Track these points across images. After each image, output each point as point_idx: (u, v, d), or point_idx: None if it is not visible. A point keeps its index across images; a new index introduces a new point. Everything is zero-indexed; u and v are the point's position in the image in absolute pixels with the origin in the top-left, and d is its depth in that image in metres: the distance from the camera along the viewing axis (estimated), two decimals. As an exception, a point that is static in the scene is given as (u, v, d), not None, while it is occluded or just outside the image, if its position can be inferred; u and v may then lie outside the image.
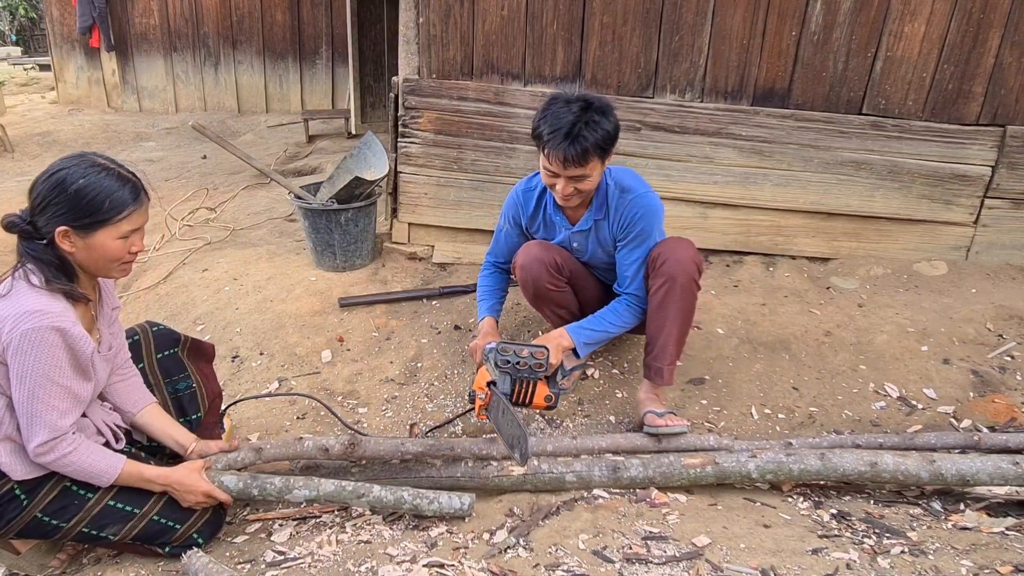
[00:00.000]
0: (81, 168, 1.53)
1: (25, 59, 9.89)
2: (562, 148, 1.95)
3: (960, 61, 2.98)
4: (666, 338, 2.17)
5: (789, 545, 1.71)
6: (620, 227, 2.22)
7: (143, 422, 1.90)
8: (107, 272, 1.65)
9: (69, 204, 1.51)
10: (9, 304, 1.51)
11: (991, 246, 3.27)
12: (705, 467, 1.96)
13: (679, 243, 2.18)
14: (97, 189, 1.52)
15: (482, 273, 2.54)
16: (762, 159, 3.15)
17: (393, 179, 3.32)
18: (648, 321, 2.22)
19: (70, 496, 1.67)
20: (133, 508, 1.73)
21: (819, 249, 3.32)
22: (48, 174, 1.54)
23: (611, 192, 2.21)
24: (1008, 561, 1.63)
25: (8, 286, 1.54)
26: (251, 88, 7.26)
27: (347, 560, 1.70)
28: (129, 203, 1.56)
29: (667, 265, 2.13)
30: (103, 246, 1.57)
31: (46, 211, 1.52)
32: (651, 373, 2.22)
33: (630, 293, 2.27)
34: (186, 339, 2.05)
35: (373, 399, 2.57)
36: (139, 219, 1.60)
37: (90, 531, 1.71)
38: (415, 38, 3.07)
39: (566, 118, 1.95)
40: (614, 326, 2.27)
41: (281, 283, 3.19)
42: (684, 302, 2.15)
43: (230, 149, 3.29)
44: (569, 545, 1.68)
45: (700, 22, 2.98)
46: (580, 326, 2.26)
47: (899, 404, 2.48)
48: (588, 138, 1.95)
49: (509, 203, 2.43)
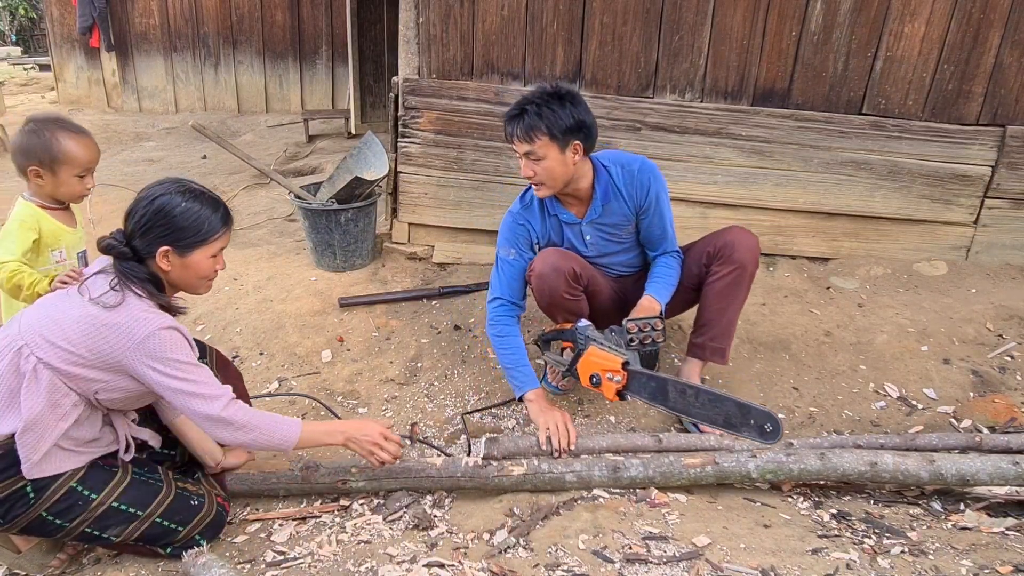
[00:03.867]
0: (180, 195, 1.67)
1: (25, 59, 9.90)
2: (509, 123, 2.11)
3: (960, 61, 2.98)
4: (730, 320, 2.30)
5: (789, 545, 1.71)
6: (640, 196, 2.26)
7: (181, 427, 1.96)
8: (195, 288, 1.76)
9: (172, 227, 1.64)
10: (120, 314, 1.60)
11: (991, 246, 3.27)
12: (705, 467, 1.96)
13: (746, 234, 2.30)
14: (197, 213, 1.67)
15: (495, 325, 2.28)
16: (762, 159, 3.15)
17: (393, 179, 3.32)
18: (708, 303, 2.32)
19: (75, 496, 1.68)
20: (137, 510, 1.74)
21: (819, 249, 3.32)
22: (149, 199, 1.65)
23: (614, 172, 2.25)
24: (1008, 561, 1.63)
25: (116, 298, 1.61)
26: (251, 88, 7.26)
27: (347, 560, 1.70)
28: (222, 225, 1.72)
29: (739, 253, 2.25)
30: (198, 264, 1.70)
31: (148, 233, 1.64)
32: (708, 353, 2.34)
33: (673, 251, 2.36)
34: (211, 349, 2.09)
35: (373, 399, 2.57)
36: (227, 239, 1.76)
37: (92, 531, 1.72)
38: (415, 38, 3.07)
39: (522, 100, 2.10)
40: (676, 278, 2.35)
41: (281, 283, 3.19)
42: (746, 290, 2.30)
43: (230, 149, 3.28)
44: (569, 545, 1.68)
45: (700, 22, 2.98)
46: (658, 288, 2.28)
47: (899, 404, 2.48)
48: (534, 116, 2.06)
49: (509, 229, 2.31)
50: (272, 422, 1.72)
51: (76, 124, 2.04)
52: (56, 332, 1.59)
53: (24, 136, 1.97)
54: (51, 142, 1.95)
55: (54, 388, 1.60)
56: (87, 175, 2.04)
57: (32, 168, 1.98)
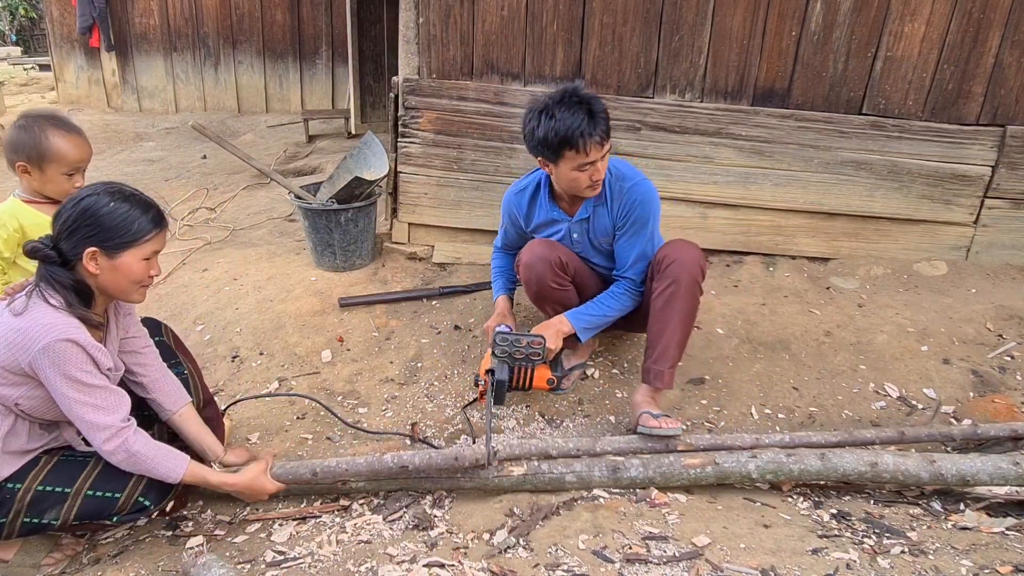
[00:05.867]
0: (108, 195, 1.63)
1: (25, 59, 9.89)
2: (594, 129, 2.00)
3: (960, 61, 2.98)
4: (668, 341, 2.16)
5: (789, 545, 1.71)
6: (620, 214, 2.24)
7: (178, 422, 1.97)
8: (127, 294, 1.72)
9: (98, 227, 1.60)
10: (23, 320, 1.57)
11: (991, 246, 3.27)
12: (705, 467, 1.96)
13: (684, 245, 2.18)
14: (125, 213, 1.63)
15: (493, 255, 2.67)
16: (762, 159, 3.15)
17: (393, 179, 3.32)
18: (650, 324, 2.21)
19: (2, 491, 1.67)
20: (64, 488, 1.71)
21: (819, 249, 3.32)
22: (75, 200, 1.62)
23: (608, 179, 2.23)
24: (1008, 561, 1.63)
25: (24, 304, 1.59)
26: (251, 88, 7.26)
27: (347, 560, 1.70)
28: (153, 227, 1.67)
29: (672, 267, 2.13)
30: (128, 267, 1.66)
31: (75, 235, 1.60)
32: (650, 377, 2.19)
33: (628, 277, 2.30)
34: (166, 326, 2.13)
35: (373, 399, 2.57)
36: (160, 242, 1.71)
37: (31, 520, 1.70)
38: (415, 38, 3.07)
39: (573, 109, 2.02)
40: (613, 310, 2.30)
41: (281, 283, 3.19)
42: (687, 305, 2.15)
43: (230, 149, 3.28)
44: (569, 545, 1.68)
45: (700, 22, 2.98)
46: (579, 312, 2.30)
47: (899, 404, 2.48)
48: (598, 108, 2.03)
49: (505, 205, 2.50)
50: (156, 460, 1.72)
51: (69, 122, 2.02)
52: None
53: (14, 131, 1.96)
54: (40, 139, 1.94)
55: None
56: (76, 174, 2.01)
57: (20, 164, 1.97)
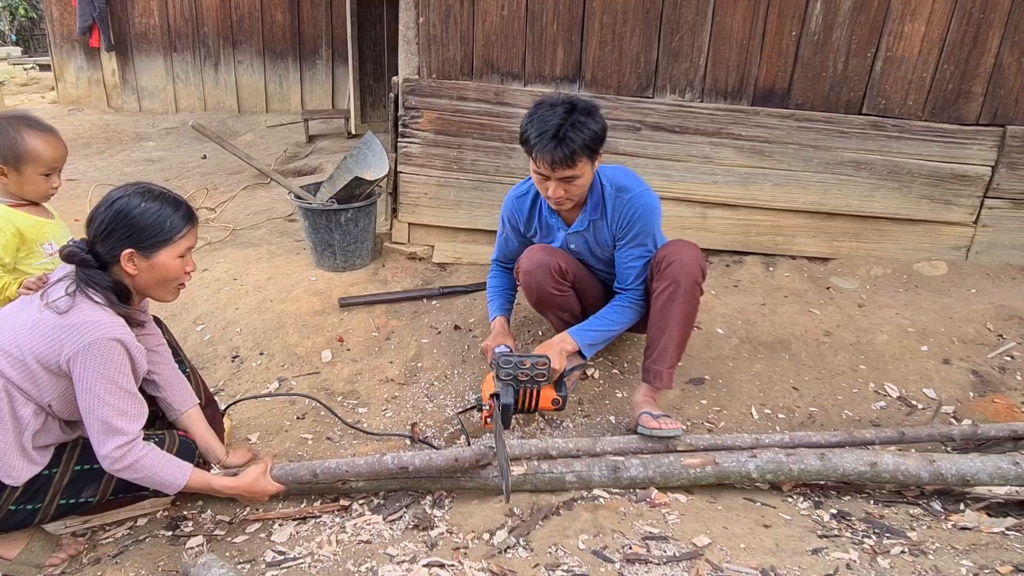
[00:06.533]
0: (139, 196, 1.66)
1: (25, 59, 9.89)
2: (548, 150, 1.97)
3: (960, 61, 2.98)
4: (667, 341, 2.15)
5: (789, 545, 1.71)
6: (619, 226, 2.22)
7: (186, 423, 1.98)
8: (164, 293, 1.75)
9: (133, 227, 1.63)
10: (70, 318, 1.58)
11: (991, 246, 3.27)
12: (705, 467, 1.96)
13: (684, 246, 2.17)
14: (157, 212, 1.65)
15: (490, 275, 2.62)
16: (762, 159, 3.15)
17: (393, 179, 3.32)
18: (650, 324, 2.21)
19: (37, 481, 1.68)
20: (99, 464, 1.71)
21: (819, 249, 3.32)
22: (108, 203, 1.65)
23: (607, 192, 2.20)
24: (1008, 561, 1.63)
25: (69, 303, 1.60)
26: (251, 88, 7.26)
27: (347, 560, 1.70)
28: (185, 223, 1.70)
29: (672, 268, 2.12)
30: (165, 266, 1.69)
31: (110, 237, 1.63)
32: (650, 376, 2.19)
33: (630, 290, 2.28)
34: (165, 326, 2.13)
35: (373, 399, 2.57)
36: (193, 238, 1.74)
37: (68, 501, 1.72)
38: (415, 38, 3.07)
39: (552, 121, 1.97)
40: (616, 324, 2.28)
41: (281, 283, 3.19)
42: (687, 306, 2.15)
43: (230, 149, 3.28)
44: (569, 545, 1.68)
45: (700, 22, 2.98)
46: (583, 328, 2.26)
47: (899, 404, 2.48)
48: (575, 139, 1.96)
49: (505, 208, 2.46)
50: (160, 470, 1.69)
51: (43, 122, 2.01)
52: (10, 340, 1.59)
53: None
54: (16, 140, 1.93)
55: (11, 398, 1.59)
56: (53, 173, 2.01)
57: None
